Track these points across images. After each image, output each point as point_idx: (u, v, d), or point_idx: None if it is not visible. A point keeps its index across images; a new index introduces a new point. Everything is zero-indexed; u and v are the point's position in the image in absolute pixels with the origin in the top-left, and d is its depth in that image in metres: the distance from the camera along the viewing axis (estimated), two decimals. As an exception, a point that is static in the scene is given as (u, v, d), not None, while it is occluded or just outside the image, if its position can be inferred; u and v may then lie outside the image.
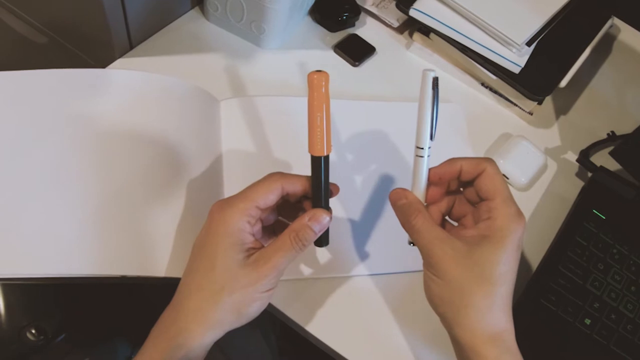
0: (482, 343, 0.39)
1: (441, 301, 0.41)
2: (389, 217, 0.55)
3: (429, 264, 0.41)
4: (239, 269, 0.40)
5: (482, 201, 0.43)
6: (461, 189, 0.46)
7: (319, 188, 0.43)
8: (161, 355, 0.39)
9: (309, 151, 0.42)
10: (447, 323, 0.41)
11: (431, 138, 0.44)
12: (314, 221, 0.42)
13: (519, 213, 0.41)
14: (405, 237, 0.45)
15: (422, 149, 0.45)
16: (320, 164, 0.42)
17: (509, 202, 0.41)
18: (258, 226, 0.44)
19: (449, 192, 0.46)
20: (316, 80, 0.41)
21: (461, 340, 0.40)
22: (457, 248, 0.40)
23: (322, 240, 0.44)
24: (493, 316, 0.39)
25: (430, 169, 0.44)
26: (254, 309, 0.41)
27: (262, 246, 0.42)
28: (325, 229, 0.43)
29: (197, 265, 0.42)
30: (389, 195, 0.44)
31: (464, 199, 0.45)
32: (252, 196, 0.42)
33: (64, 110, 0.51)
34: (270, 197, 0.42)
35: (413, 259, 0.53)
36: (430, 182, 0.44)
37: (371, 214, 0.55)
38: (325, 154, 0.42)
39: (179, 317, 0.40)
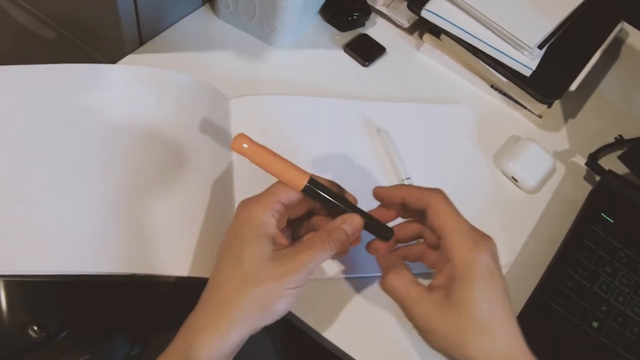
0: None
1: (443, 349, 0.40)
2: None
3: (417, 324, 0.41)
4: (267, 261, 0.39)
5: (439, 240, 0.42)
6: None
7: (331, 205, 0.43)
8: (183, 352, 0.38)
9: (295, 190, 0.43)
10: None
11: None
12: (347, 224, 0.42)
13: (476, 240, 0.40)
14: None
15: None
16: (310, 191, 0.42)
17: (460, 235, 0.40)
18: (284, 224, 0.44)
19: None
20: (238, 147, 0.42)
21: None
22: (436, 302, 0.40)
23: (386, 232, 0.45)
24: (499, 346, 0.39)
25: (375, 188, 0.45)
26: (280, 306, 0.40)
27: (290, 245, 0.42)
28: (359, 232, 0.43)
29: (226, 258, 0.41)
30: (366, 248, 0.45)
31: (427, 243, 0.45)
32: (275, 191, 0.42)
33: (74, 105, 0.51)
34: (292, 193, 0.42)
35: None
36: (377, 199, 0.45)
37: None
38: (303, 186, 0.42)
39: (207, 310, 0.40)
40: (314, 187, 0.42)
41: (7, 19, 0.71)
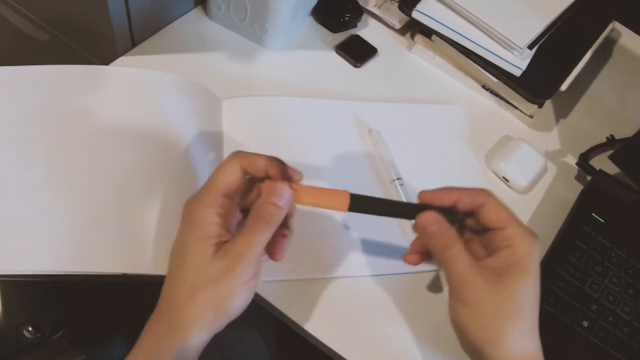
0: None
1: (474, 332, 0.40)
2: (389, 219, 0.56)
3: (460, 296, 0.40)
4: (209, 264, 0.38)
5: (489, 230, 0.43)
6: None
7: (382, 209, 0.44)
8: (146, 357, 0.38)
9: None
10: (479, 352, 0.40)
11: None
12: (275, 195, 0.40)
13: (533, 234, 0.41)
14: (400, 238, 0.45)
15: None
16: (356, 207, 0.42)
17: (522, 227, 0.41)
18: (235, 216, 0.42)
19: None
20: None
21: None
22: (488, 278, 0.40)
23: (451, 215, 0.43)
24: (526, 343, 0.39)
25: (421, 192, 0.44)
26: (236, 304, 0.39)
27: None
28: (290, 199, 0.41)
29: (171, 266, 0.40)
30: (417, 219, 0.43)
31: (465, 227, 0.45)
32: (214, 185, 0.40)
33: (65, 106, 0.51)
34: (231, 180, 0.40)
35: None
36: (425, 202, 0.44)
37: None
38: (348, 207, 0.42)
39: (162, 317, 0.39)
40: (358, 202, 0.42)
41: (2, 22, 0.71)
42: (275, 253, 0.44)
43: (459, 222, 0.45)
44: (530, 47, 0.63)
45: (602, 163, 0.65)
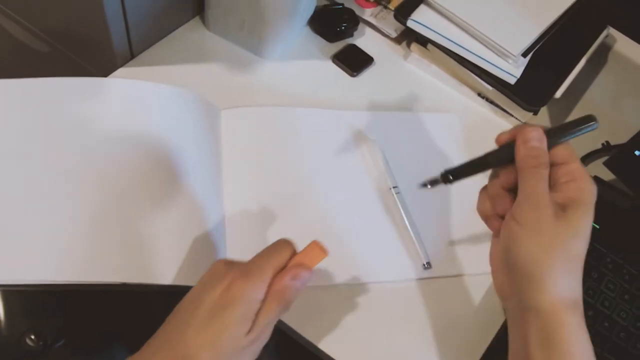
0: (565, 309, 0.39)
1: (527, 257, 0.40)
2: (388, 225, 0.56)
3: (526, 217, 0.41)
4: (243, 338, 0.39)
5: (552, 165, 0.43)
6: None
7: None
8: None
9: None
10: (526, 285, 0.40)
11: None
12: (296, 279, 0.41)
13: (592, 180, 0.42)
14: (398, 245, 0.45)
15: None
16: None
17: (583, 166, 0.43)
18: None
19: None
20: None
21: (542, 304, 0.39)
22: (555, 208, 0.40)
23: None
24: (575, 281, 0.40)
25: (499, 135, 0.46)
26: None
27: None
28: (307, 281, 0.42)
29: (196, 313, 0.39)
30: (524, 129, 0.43)
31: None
32: (266, 268, 0.41)
33: (65, 118, 0.52)
34: (283, 263, 0.42)
35: (410, 266, 0.55)
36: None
37: (370, 222, 0.56)
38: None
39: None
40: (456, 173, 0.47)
41: (3, 34, 0.72)
42: None
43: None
44: (525, 54, 0.63)
45: (598, 169, 0.65)
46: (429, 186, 0.47)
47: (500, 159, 0.45)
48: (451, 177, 0.46)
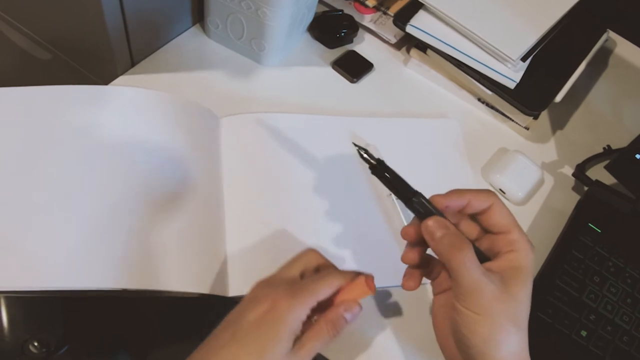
0: None
1: (477, 337, 0.40)
2: (387, 231, 0.56)
3: (471, 303, 0.40)
4: (285, 357, 0.39)
5: (491, 234, 0.43)
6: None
7: None
8: None
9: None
10: (476, 357, 0.40)
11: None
12: (349, 312, 0.42)
13: (531, 243, 0.42)
14: (396, 251, 0.45)
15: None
16: None
17: (524, 234, 0.42)
18: None
19: None
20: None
21: None
22: (496, 283, 0.40)
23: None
24: (523, 343, 0.40)
25: (434, 197, 0.44)
26: None
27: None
28: (357, 315, 0.44)
29: (239, 339, 0.40)
30: (423, 224, 0.43)
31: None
32: (316, 292, 0.42)
33: (67, 126, 0.52)
34: (329, 293, 0.43)
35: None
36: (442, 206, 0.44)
37: (370, 227, 0.56)
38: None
39: None
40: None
41: (5, 42, 0.72)
42: None
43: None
44: (524, 59, 0.64)
45: (599, 173, 0.65)
46: (363, 154, 0.46)
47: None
48: (378, 169, 0.46)
